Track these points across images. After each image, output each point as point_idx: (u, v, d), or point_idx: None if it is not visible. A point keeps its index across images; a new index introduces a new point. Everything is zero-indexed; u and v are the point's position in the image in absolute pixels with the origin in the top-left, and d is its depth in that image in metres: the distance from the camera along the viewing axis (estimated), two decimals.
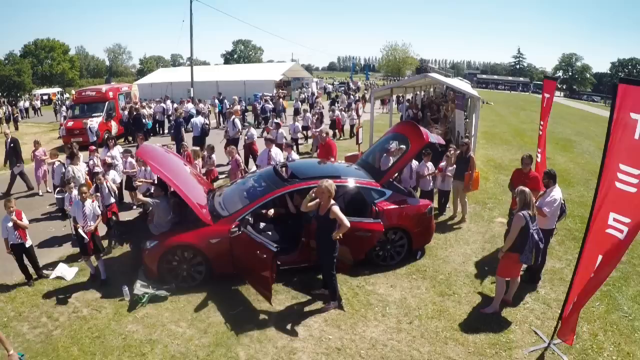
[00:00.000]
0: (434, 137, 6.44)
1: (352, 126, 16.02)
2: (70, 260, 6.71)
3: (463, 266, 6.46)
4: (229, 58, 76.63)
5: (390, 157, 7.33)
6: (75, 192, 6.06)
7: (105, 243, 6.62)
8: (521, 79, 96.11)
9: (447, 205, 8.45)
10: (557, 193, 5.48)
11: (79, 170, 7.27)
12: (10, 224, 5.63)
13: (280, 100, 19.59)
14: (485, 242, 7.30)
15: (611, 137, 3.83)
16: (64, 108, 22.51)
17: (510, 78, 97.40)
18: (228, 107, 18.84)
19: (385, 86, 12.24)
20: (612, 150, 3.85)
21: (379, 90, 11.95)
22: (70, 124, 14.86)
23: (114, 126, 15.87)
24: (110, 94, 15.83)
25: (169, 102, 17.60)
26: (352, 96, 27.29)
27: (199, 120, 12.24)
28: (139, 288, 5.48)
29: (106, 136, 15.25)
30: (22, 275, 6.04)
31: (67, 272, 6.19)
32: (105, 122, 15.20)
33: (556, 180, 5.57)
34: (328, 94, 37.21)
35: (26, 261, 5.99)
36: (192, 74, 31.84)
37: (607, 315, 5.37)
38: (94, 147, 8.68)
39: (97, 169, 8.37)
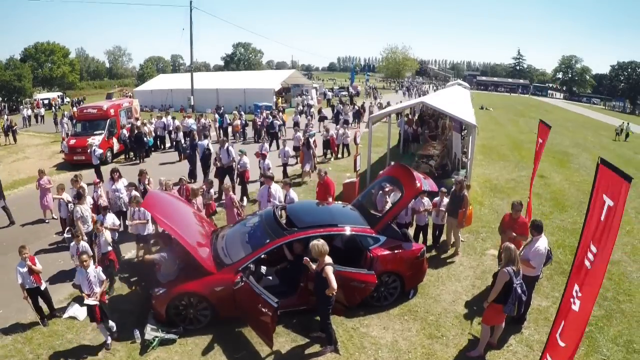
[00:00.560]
0: (428, 184, 6.69)
1: (345, 145, 15.98)
2: (80, 297, 6.99)
3: (453, 305, 6.74)
4: (229, 61, 76.69)
5: (387, 196, 7.61)
6: (82, 243, 6.29)
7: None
8: (521, 81, 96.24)
9: (442, 239, 8.71)
10: (542, 243, 5.75)
11: (86, 209, 7.52)
12: (25, 269, 5.90)
13: (280, 114, 19.75)
14: (476, 278, 7.58)
15: (589, 212, 4.07)
16: (65, 120, 22.64)
17: (510, 80, 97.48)
18: (229, 121, 19.11)
19: (383, 112, 12.44)
20: (588, 226, 4.08)
21: (375, 115, 12.14)
22: (72, 142, 15.14)
23: (115, 143, 16.14)
24: (112, 111, 16.08)
25: (169, 117, 17.78)
26: (356, 105, 27.33)
27: (203, 143, 12.58)
28: (150, 332, 5.79)
29: (110, 160, 15.63)
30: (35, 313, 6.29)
31: (80, 312, 6.44)
32: (107, 140, 15.46)
33: (542, 231, 5.85)
34: (328, 101, 37.41)
35: (41, 302, 6.25)
36: (192, 82, 32.09)
37: (586, 359, 5.65)
38: (98, 180, 8.91)
39: (101, 202, 8.62)
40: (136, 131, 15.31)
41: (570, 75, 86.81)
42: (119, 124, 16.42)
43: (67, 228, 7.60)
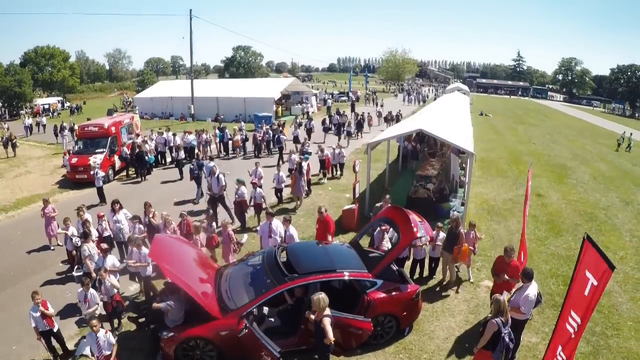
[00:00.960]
0: (423, 229, 6.87)
1: (341, 165, 15.92)
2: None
3: (446, 343, 6.95)
4: (229, 64, 76.85)
5: (385, 233, 7.82)
6: (92, 290, 6.48)
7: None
8: (521, 83, 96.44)
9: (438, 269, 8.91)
10: (532, 290, 5.95)
11: (93, 247, 7.72)
12: (38, 314, 6.12)
13: (281, 128, 19.93)
14: (469, 312, 7.78)
15: (573, 284, 4.24)
16: (66, 133, 22.77)
17: (510, 83, 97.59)
18: (229, 136, 19.29)
19: (381, 137, 12.59)
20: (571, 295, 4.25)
21: (373, 142, 12.27)
22: (74, 160, 15.29)
23: (117, 161, 16.33)
24: (113, 129, 16.25)
25: (170, 133, 17.97)
26: (358, 115, 27.17)
27: (210, 165, 12.82)
28: None
29: (112, 178, 15.81)
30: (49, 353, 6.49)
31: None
32: (108, 158, 15.65)
33: (532, 278, 6.04)
34: (328, 109, 37.48)
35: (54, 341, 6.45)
36: (192, 91, 32.26)
37: None
38: (102, 214, 9.08)
39: (106, 233, 8.81)
40: (137, 149, 15.48)
41: (570, 78, 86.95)
42: (120, 142, 16.60)
43: (77, 266, 7.78)
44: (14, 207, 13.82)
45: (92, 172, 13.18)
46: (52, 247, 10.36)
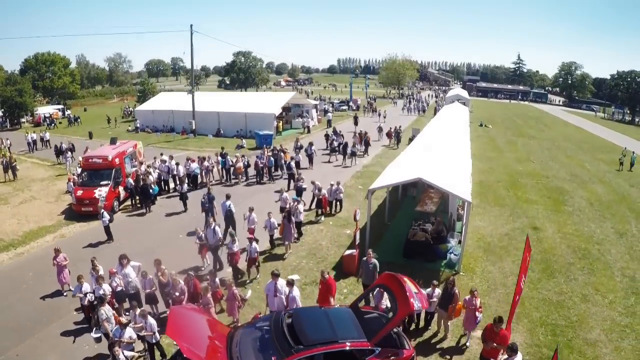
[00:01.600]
0: (418, 303, 7.15)
1: (338, 201, 15.94)
2: None
3: None
4: (229, 69, 77.03)
5: (383, 295, 8.13)
6: None
7: None
8: (520, 87, 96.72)
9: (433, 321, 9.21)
10: None
11: (109, 310, 8.03)
12: None
13: (282, 154, 20.19)
14: None
15: None
16: (69, 155, 22.98)
17: (509, 87, 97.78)
18: (231, 163, 19.54)
19: (382, 184, 12.77)
20: None
21: (374, 187, 12.43)
22: (79, 192, 15.51)
23: (122, 191, 16.59)
24: (117, 160, 16.46)
25: (173, 162, 18.21)
26: (362, 134, 27.12)
27: (226, 204, 13.16)
28: None
29: (117, 209, 16.07)
30: None
31: None
32: (113, 190, 15.90)
33: (517, 351, 6.51)
34: (329, 122, 37.71)
35: None
36: (193, 106, 32.44)
37: None
38: (114, 270, 9.33)
39: (119, 289, 9.09)
40: (142, 182, 15.74)
41: (570, 82, 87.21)
42: (124, 172, 16.85)
43: (94, 328, 8.04)
44: (22, 242, 14.06)
45: (98, 210, 13.44)
46: (64, 294, 10.57)
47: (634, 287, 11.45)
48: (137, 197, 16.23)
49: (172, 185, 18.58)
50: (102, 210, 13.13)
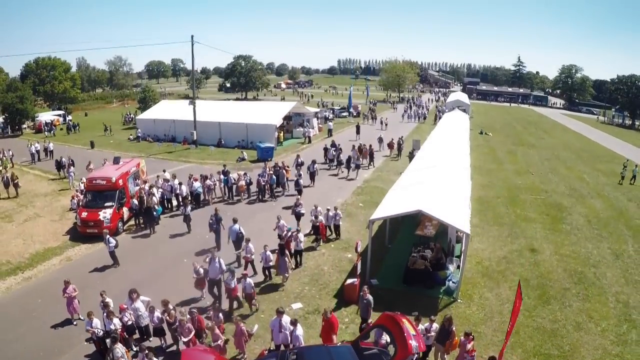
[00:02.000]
0: (416, 345, 7.38)
1: (336, 226, 15.83)
2: None
3: None
4: (230, 74, 77.31)
5: (383, 333, 8.39)
6: None
7: None
8: (521, 90, 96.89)
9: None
10: None
11: (123, 347, 8.30)
12: None
13: (283, 171, 20.42)
14: None
15: None
16: (72, 169, 23.08)
17: (510, 90, 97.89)
18: (233, 181, 19.76)
19: (383, 215, 12.98)
20: None
21: (376, 218, 12.65)
22: (84, 214, 15.74)
23: (126, 212, 16.82)
24: (120, 181, 16.66)
25: (176, 181, 18.43)
26: (362, 148, 27.18)
27: (236, 227, 13.64)
28: None
29: (121, 230, 16.31)
30: None
31: None
32: (117, 212, 16.14)
33: None
34: (329, 131, 37.92)
35: None
36: (195, 117, 32.59)
37: None
38: (125, 306, 9.57)
39: (129, 323, 9.36)
40: (145, 204, 15.98)
41: (570, 84, 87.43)
42: (128, 193, 17.06)
43: None
44: (29, 265, 14.27)
45: (102, 232, 13.71)
46: (74, 322, 10.79)
47: (627, 314, 11.70)
48: (141, 218, 16.45)
49: (175, 203, 18.80)
50: (107, 236, 13.35)
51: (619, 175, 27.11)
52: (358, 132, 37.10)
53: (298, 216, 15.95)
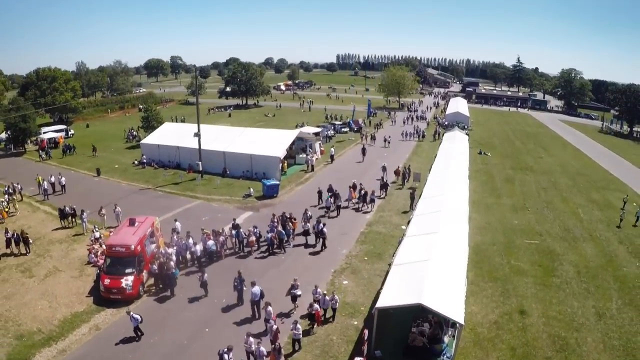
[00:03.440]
0: None
1: (334, 309, 15.95)
2: None
3: None
4: (229, 81, 77.85)
5: None
6: None
7: None
8: (520, 94, 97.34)
9: None
10: None
11: None
12: None
13: (290, 223, 21.48)
14: None
15: None
16: (84, 215, 23.36)
17: (509, 93, 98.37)
18: (244, 235, 20.80)
19: (392, 304, 13.92)
20: None
21: (383, 307, 13.60)
22: (107, 282, 16.78)
23: (145, 275, 17.90)
24: (138, 247, 17.63)
25: (190, 240, 19.50)
26: (354, 185, 28.00)
27: (256, 289, 15.66)
28: None
29: (142, 292, 17.38)
30: None
31: None
32: (138, 277, 17.20)
33: None
34: (331, 157, 38.76)
35: None
36: (200, 146, 33.38)
37: None
38: None
39: None
40: (165, 269, 17.10)
41: (569, 89, 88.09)
42: (146, 258, 18.04)
43: None
44: (60, 335, 15.00)
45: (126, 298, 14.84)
46: None
47: None
48: (160, 282, 17.58)
49: (188, 256, 19.82)
50: (131, 313, 14.36)
51: (613, 208, 27.84)
52: (364, 153, 38.30)
53: (294, 298, 16.10)
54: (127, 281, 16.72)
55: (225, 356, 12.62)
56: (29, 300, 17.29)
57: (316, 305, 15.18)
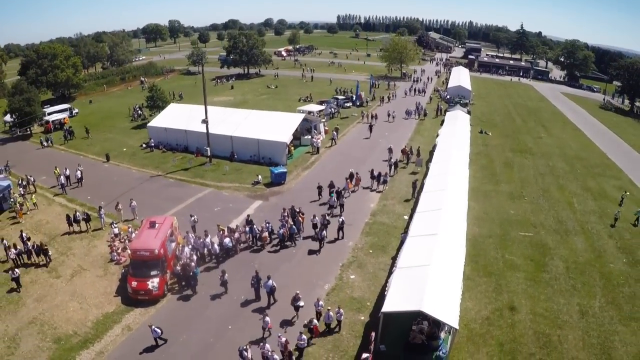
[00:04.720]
0: None
1: (339, 322, 16.37)
2: None
3: None
4: (231, 51, 76.52)
5: None
6: None
7: None
8: (522, 63, 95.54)
9: None
10: None
11: None
12: None
13: (299, 218, 22.79)
14: None
15: None
16: (102, 212, 24.20)
17: (511, 62, 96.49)
18: (257, 231, 22.17)
19: (398, 309, 15.46)
20: None
21: (389, 312, 15.03)
22: (134, 284, 18.21)
23: (168, 274, 19.44)
24: (162, 250, 18.89)
25: (208, 239, 20.89)
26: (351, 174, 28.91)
27: (270, 282, 17.50)
28: None
29: (166, 292, 18.94)
30: None
31: None
32: (162, 278, 18.72)
33: None
34: (333, 140, 39.40)
35: None
36: (208, 136, 33.91)
37: None
38: None
39: None
40: (187, 270, 18.62)
41: (572, 60, 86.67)
42: (168, 259, 19.39)
43: None
44: (95, 337, 16.16)
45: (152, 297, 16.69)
46: None
47: None
48: (182, 282, 19.17)
49: (206, 252, 21.26)
50: (153, 327, 15.47)
51: (607, 198, 28.46)
52: (371, 130, 40.57)
53: (297, 309, 16.85)
54: (153, 283, 18.25)
55: (245, 353, 14.21)
56: (60, 302, 18.06)
57: (315, 321, 15.93)
